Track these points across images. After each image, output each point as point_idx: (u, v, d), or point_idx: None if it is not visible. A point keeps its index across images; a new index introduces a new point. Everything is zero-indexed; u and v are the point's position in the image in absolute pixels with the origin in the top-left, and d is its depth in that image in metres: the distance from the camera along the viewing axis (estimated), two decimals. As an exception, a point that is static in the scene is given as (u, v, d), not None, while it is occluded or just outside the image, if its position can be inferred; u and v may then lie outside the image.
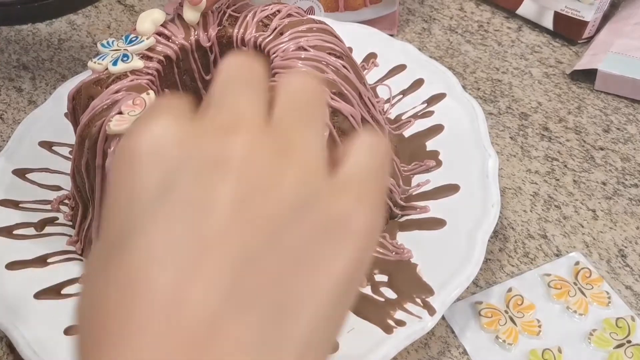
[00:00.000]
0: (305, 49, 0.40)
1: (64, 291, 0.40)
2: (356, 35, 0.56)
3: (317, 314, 0.17)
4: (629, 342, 0.38)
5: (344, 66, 0.40)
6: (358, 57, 0.54)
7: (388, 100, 0.51)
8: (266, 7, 0.43)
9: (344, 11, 0.60)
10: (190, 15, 0.42)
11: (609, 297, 0.40)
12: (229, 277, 0.16)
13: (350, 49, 0.55)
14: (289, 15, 0.43)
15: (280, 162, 0.18)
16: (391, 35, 0.62)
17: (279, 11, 0.43)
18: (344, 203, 0.18)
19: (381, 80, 0.53)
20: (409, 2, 0.66)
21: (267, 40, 0.42)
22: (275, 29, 0.42)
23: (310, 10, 0.61)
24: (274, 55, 0.41)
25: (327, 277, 0.17)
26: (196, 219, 0.16)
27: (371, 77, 0.53)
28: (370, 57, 0.54)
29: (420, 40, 0.61)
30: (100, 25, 0.67)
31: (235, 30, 0.43)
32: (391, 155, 0.21)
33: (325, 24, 0.43)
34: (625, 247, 0.43)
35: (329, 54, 0.40)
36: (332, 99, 0.38)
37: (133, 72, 0.40)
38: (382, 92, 0.52)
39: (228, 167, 0.17)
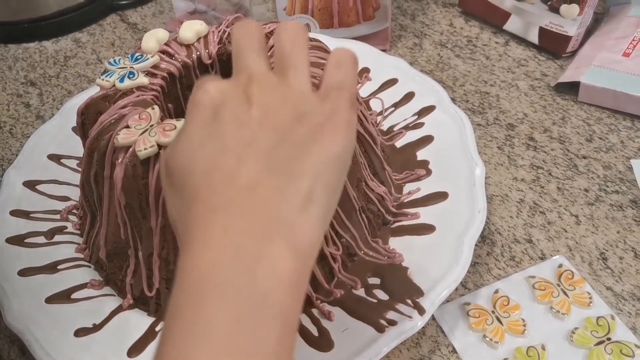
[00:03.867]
0: (300, 66, 0.42)
1: (74, 296, 0.43)
2: (350, 51, 0.58)
3: (319, 172, 0.26)
4: (608, 339, 0.40)
5: (337, 81, 0.42)
6: (352, 71, 0.57)
7: (380, 113, 0.54)
8: (264, 26, 0.46)
9: (339, 28, 0.63)
10: (187, 35, 0.45)
11: (590, 298, 0.42)
12: (264, 158, 0.26)
13: (345, 64, 0.58)
14: (285, 33, 0.45)
15: (281, 93, 0.28)
16: (384, 51, 0.65)
17: (271, 32, 0.46)
18: (327, 108, 0.28)
19: (374, 94, 0.55)
20: (401, 19, 0.69)
21: (264, 57, 0.44)
22: (273, 46, 0.44)
23: (307, 28, 0.63)
24: (271, 71, 0.43)
25: (324, 152, 0.27)
26: (241, 127, 0.27)
27: (365, 90, 0.56)
28: (364, 72, 0.57)
29: (412, 55, 0.64)
30: (105, 42, 0.70)
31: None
32: (356, 60, 0.31)
33: (320, 41, 0.46)
34: (606, 250, 0.46)
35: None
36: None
37: (139, 88, 0.42)
38: (375, 105, 0.54)
39: (251, 100, 0.27)
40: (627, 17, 0.61)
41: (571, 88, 0.57)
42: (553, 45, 0.61)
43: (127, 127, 0.39)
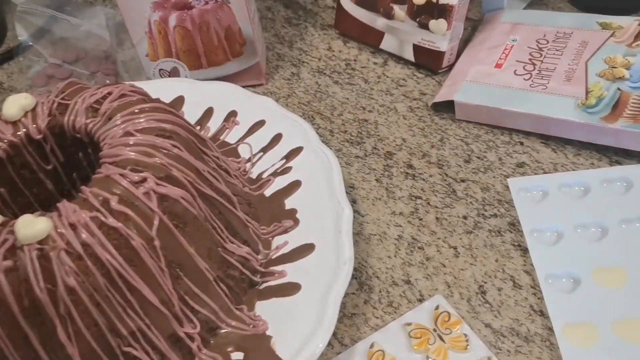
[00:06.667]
0: (132, 134, 0.39)
1: None
2: (217, 94, 0.56)
3: None
4: (487, 384, 0.38)
5: (174, 146, 0.39)
6: (219, 115, 0.54)
7: (249, 160, 0.51)
8: (96, 92, 0.43)
9: (208, 67, 0.60)
10: (11, 111, 0.41)
11: (467, 340, 0.40)
12: None
13: (211, 109, 0.55)
14: (122, 96, 0.42)
15: None
16: (260, 85, 0.62)
17: (109, 93, 0.42)
18: None
19: (242, 139, 0.52)
20: (278, 47, 0.66)
21: (96, 127, 0.41)
22: (105, 113, 0.41)
23: (174, 71, 0.60)
24: (104, 142, 0.40)
25: None
26: None
27: (232, 136, 0.53)
28: (231, 116, 0.54)
29: (289, 87, 0.61)
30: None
31: (66, 118, 0.42)
32: None
33: (159, 102, 0.43)
34: (485, 282, 0.44)
35: (158, 135, 0.39)
36: (158, 185, 0.37)
37: (-43, 180, 0.39)
38: (244, 151, 0.52)
39: None
40: (501, 24, 0.60)
41: (449, 105, 0.55)
42: (429, 62, 0.59)
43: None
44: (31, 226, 0.34)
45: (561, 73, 0.53)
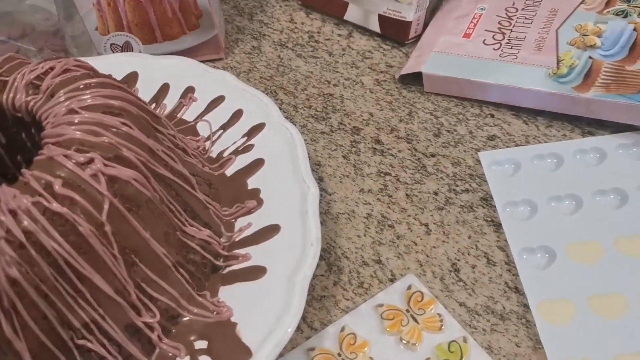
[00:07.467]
0: (76, 112, 0.36)
1: None
2: (172, 69, 0.52)
3: None
4: (462, 366, 0.37)
5: (124, 124, 0.36)
6: (176, 92, 0.51)
7: (208, 138, 0.48)
8: (36, 67, 0.39)
9: (163, 41, 0.57)
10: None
11: (442, 320, 0.39)
12: None
13: (167, 85, 0.52)
14: (66, 71, 0.39)
15: None
16: (219, 59, 0.59)
17: (51, 68, 0.39)
18: None
19: (201, 116, 0.49)
20: (237, 20, 0.63)
21: (37, 104, 0.37)
22: (47, 90, 0.38)
23: (127, 46, 0.57)
24: (46, 121, 0.36)
25: None
26: None
27: (190, 113, 0.50)
28: (188, 92, 0.51)
29: (250, 61, 0.58)
30: None
31: (4, 96, 0.39)
32: None
33: (106, 76, 0.40)
34: (458, 260, 0.42)
35: (106, 112, 0.36)
36: (106, 166, 0.34)
37: None
38: (204, 129, 0.49)
39: None
40: (468, -7, 0.58)
41: (418, 78, 0.53)
42: (395, 33, 0.57)
43: None
44: (-34, 214, 0.31)
45: (531, 42, 0.51)
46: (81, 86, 0.38)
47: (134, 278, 0.35)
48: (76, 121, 0.35)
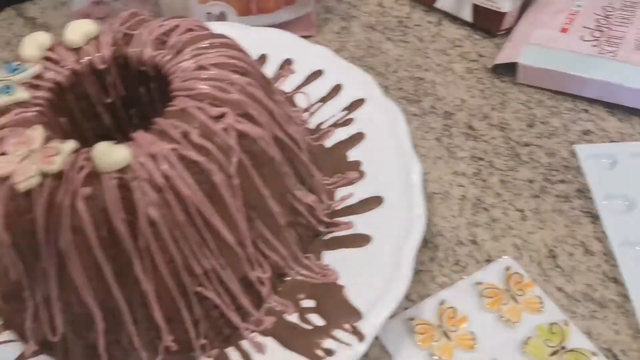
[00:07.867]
0: (205, 68, 0.37)
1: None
2: (270, 41, 0.53)
3: None
4: (563, 348, 0.37)
5: (249, 84, 0.37)
6: (273, 63, 0.52)
7: (307, 109, 0.49)
8: (164, 23, 0.40)
9: (258, 14, 0.58)
10: (73, 38, 0.38)
11: (541, 302, 0.39)
12: None
13: (265, 56, 0.53)
14: (189, 30, 0.40)
15: None
16: (310, 37, 0.59)
17: (177, 26, 0.40)
18: None
19: (299, 88, 0.50)
20: (325, 0, 0.64)
21: (165, 59, 0.38)
22: (174, 46, 0.39)
23: (222, 16, 0.58)
24: (174, 75, 0.37)
25: None
26: None
27: (288, 84, 0.51)
28: (286, 64, 0.52)
29: (340, 41, 0.59)
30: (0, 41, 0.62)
31: (131, 50, 0.40)
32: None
33: (228, 38, 0.41)
34: (555, 247, 0.42)
35: (233, 71, 0.37)
36: (237, 121, 0.35)
37: (19, 104, 0.36)
38: (301, 101, 0.50)
39: None
40: (563, -11, 0.58)
41: (510, 68, 0.54)
42: (488, 23, 0.58)
43: (4, 153, 0.33)
44: (111, 154, 0.32)
45: (630, 41, 0.51)
46: (207, 45, 0.39)
47: (251, 232, 0.36)
48: (206, 77, 0.36)
